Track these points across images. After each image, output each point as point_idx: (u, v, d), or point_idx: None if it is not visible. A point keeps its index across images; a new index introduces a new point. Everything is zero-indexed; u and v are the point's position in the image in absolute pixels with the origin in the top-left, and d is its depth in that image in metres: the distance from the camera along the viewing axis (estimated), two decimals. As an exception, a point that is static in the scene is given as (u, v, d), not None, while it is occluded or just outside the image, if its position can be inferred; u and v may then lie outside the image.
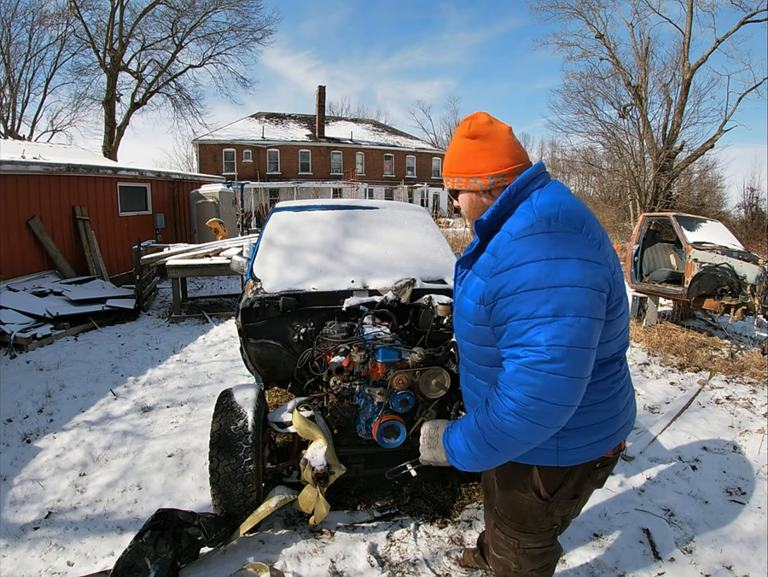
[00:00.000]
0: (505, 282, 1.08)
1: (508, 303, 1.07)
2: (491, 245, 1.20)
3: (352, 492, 2.66)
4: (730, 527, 2.45)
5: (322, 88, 30.18)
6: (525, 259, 1.06)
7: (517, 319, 1.05)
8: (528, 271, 1.05)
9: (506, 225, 1.18)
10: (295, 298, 2.70)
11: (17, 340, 5.16)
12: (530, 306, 1.03)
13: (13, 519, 2.48)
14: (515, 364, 1.05)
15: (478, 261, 1.25)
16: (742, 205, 20.75)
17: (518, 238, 1.10)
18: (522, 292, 1.05)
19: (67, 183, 7.97)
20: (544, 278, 1.03)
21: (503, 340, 1.11)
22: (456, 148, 1.29)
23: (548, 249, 1.05)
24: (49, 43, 21.69)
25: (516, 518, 1.41)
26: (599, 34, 18.24)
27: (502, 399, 1.07)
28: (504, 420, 1.06)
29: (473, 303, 1.22)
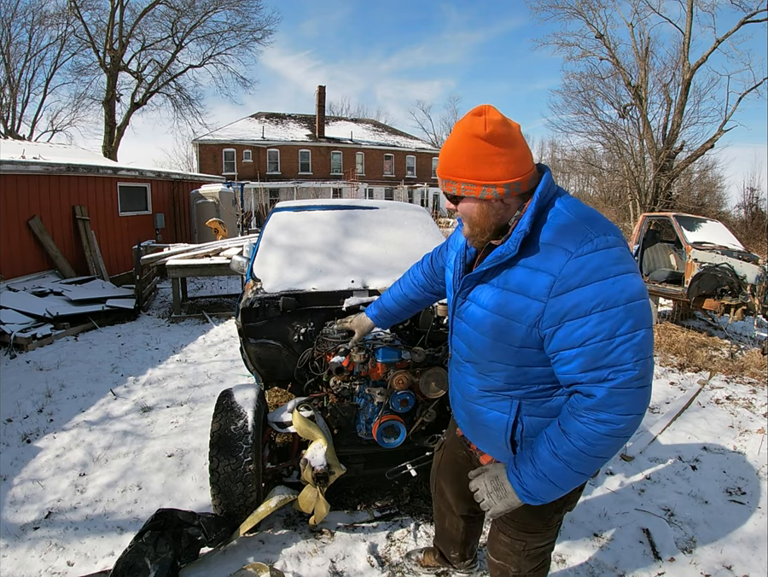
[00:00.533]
0: (576, 303, 1.02)
1: (582, 324, 1.02)
2: (532, 261, 1.09)
3: (352, 492, 2.66)
4: (730, 527, 2.45)
5: (322, 88, 30.18)
6: (594, 277, 1.01)
7: (599, 341, 1.01)
8: (602, 289, 1.01)
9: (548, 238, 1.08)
10: (295, 298, 2.70)
11: (17, 340, 5.16)
12: (611, 325, 1.00)
13: (13, 519, 2.48)
14: (606, 388, 1.02)
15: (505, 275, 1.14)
16: (742, 205, 20.76)
17: (580, 255, 1.03)
18: (600, 312, 1.01)
19: (67, 183, 7.97)
20: (618, 294, 1.00)
21: (577, 365, 1.04)
22: (465, 147, 1.09)
23: (614, 265, 1.02)
24: (49, 43, 21.71)
25: (524, 519, 1.37)
26: (599, 34, 18.24)
27: (593, 426, 1.04)
28: (597, 446, 1.05)
29: (522, 326, 1.11)
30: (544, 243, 1.08)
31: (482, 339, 1.21)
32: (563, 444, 1.08)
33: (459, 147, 1.10)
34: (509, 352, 1.16)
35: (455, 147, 1.11)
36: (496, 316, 1.15)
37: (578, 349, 1.03)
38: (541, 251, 1.08)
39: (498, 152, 1.08)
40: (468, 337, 1.27)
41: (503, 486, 1.19)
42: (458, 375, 1.38)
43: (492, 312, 1.16)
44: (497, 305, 1.15)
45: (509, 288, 1.13)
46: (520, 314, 1.10)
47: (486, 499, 1.22)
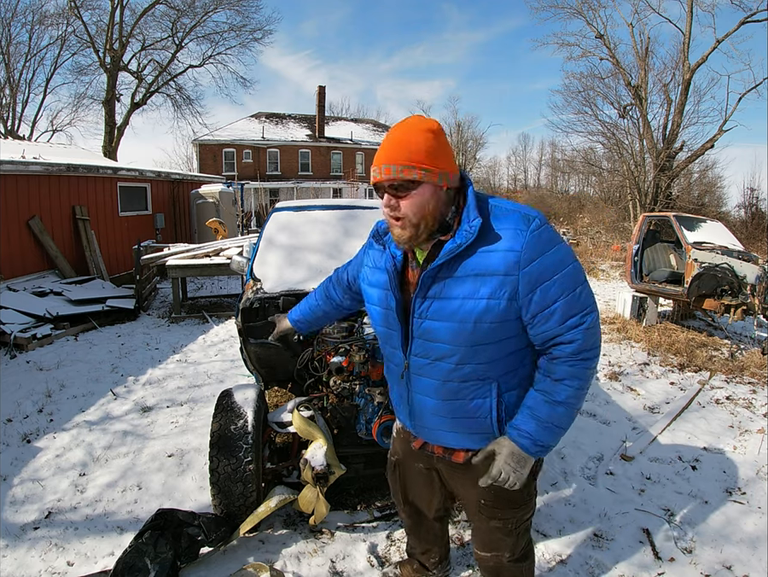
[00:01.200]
0: (542, 269, 1.18)
1: (551, 285, 1.19)
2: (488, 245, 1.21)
3: (352, 492, 2.66)
4: (730, 527, 2.45)
5: (322, 88, 30.18)
6: (549, 246, 1.20)
7: (568, 294, 1.20)
8: (559, 254, 1.20)
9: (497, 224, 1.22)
10: (295, 298, 2.70)
11: (17, 340, 5.16)
12: (571, 280, 1.21)
13: (13, 519, 2.48)
14: (582, 330, 1.22)
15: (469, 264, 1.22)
16: (742, 205, 20.74)
17: (533, 231, 1.19)
18: (560, 272, 1.20)
19: (67, 183, 7.97)
20: (566, 257, 1.22)
21: (556, 319, 1.21)
22: (421, 139, 1.19)
23: (557, 237, 1.24)
24: (49, 43, 21.69)
25: (508, 497, 1.42)
26: (599, 34, 18.24)
27: (582, 364, 1.24)
28: (587, 379, 1.26)
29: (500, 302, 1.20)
30: (496, 228, 1.22)
31: (460, 327, 1.25)
32: (561, 390, 1.25)
33: (413, 137, 1.19)
34: (491, 329, 1.24)
35: (408, 137, 1.20)
36: (473, 300, 1.22)
37: (553, 306, 1.20)
38: (496, 234, 1.21)
39: (445, 145, 1.23)
40: (440, 333, 1.28)
41: (522, 457, 1.29)
42: (427, 382, 1.36)
43: (468, 298, 1.22)
44: (472, 290, 1.22)
45: (478, 273, 1.22)
46: (497, 291, 1.20)
47: (514, 475, 1.29)
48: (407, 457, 1.69)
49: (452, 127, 44.83)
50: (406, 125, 1.23)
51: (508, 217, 1.23)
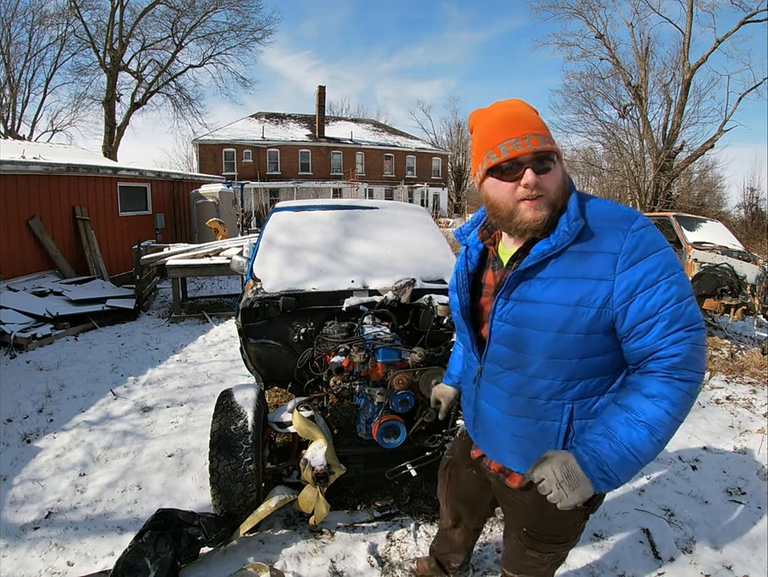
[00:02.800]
0: (643, 274, 1.05)
1: (653, 293, 1.05)
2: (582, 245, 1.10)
3: (352, 492, 2.66)
4: (730, 527, 2.45)
5: (322, 88, 30.18)
6: (652, 249, 1.07)
7: (673, 304, 1.05)
8: (661, 259, 1.06)
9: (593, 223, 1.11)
10: (295, 298, 2.70)
11: (17, 340, 5.16)
12: (678, 290, 1.06)
13: (13, 519, 2.48)
14: (689, 344, 1.05)
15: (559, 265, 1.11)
16: (742, 205, 20.77)
17: (635, 230, 1.07)
18: (665, 279, 1.05)
19: (67, 183, 7.97)
20: (675, 262, 1.08)
21: (660, 331, 1.05)
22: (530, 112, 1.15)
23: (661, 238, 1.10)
24: (49, 43, 21.72)
25: (556, 531, 1.33)
26: (599, 34, 18.25)
27: (678, 385, 1.05)
28: (680, 405, 1.05)
29: (590, 309, 1.08)
30: (593, 227, 1.10)
31: (541, 335, 1.14)
32: (646, 409, 1.05)
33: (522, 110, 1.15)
34: (575, 342, 1.11)
35: (530, 113, 1.15)
36: (558, 306, 1.11)
37: (654, 318, 1.05)
38: (593, 234, 1.10)
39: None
40: (518, 340, 1.18)
41: (575, 473, 1.06)
42: (496, 391, 1.26)
43: (554, 304, 1.11)
44: (559, 294, 1.11)
45: (568, 276, 1.10)
46: (587, 298, 1.08)
47: (556, 491, 1.06)
48: (462, 460, 1.60)
49: (452, 127, 44.83)
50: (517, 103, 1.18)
51: (609, 214, 1.12)
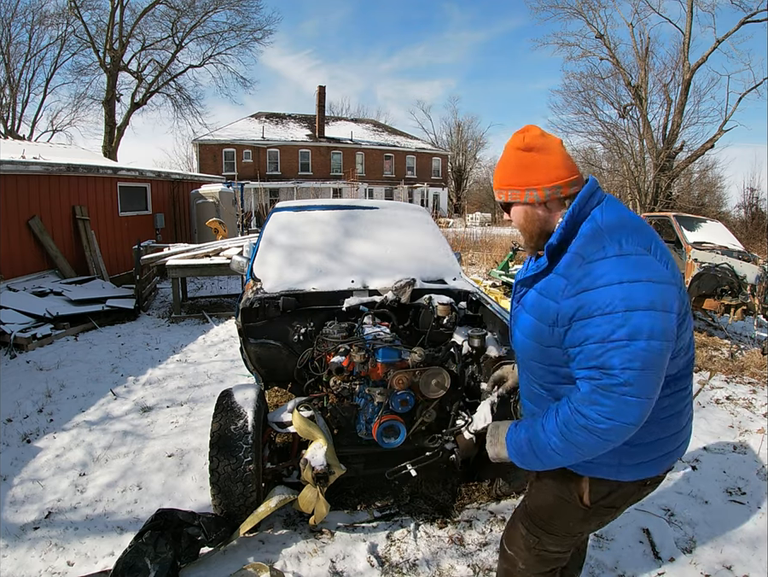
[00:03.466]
0: (580, 306, 1.10)
1: (583, 326, 1.09)
2: (560, 267, 1.19)
3: (352, 492, 2.66)
4: (730, 527, 2.45)
5: (322, 88, 30.19)
6: (599, 282, 1.08)
7: (593, 342, 1.08)
8: (603, 295, 1.06)
9: (574, 246, 1.17)
10: (295, 298, 2.71)
11: (17, 340, 5.15)
12: (606, 330, 1.05)
13: (13, 519, 2.48)
14: (591, 384, 1.09)
15: (544, 282, 1.23)
16: (742, 205, 20.76)
17: (591, 261, 1.11)
18: (598, 316, 1.07)
19: (67, 183, 7.96)
20: (619, 302, 1.05)
21: (579, 362, 1.13)
22: (510, 160, 1.26)
23: (621, 273, 1.07)
24: (49, 43, 21.73)
25: (546, 517, 1.39)
26: (599, 34, 18.26)
27: (574, 415, 1.11)
28: (574, 433, 1.12)
29: (544, 325, 1.21)
30: (571, 251, 1.17)
31: (524, 341, 1.31)
32: (550, 420, 1.18)
33: (505, 160, 1.28)
34: (541, 351, 1.25)
35: (502, 161, 1.29)
36: (530, 317, 1.26)
37: (578, 348, 1.12)
38: (566, 258, 1.18)
39: (537, 159, 1.22)
40: (517, 341, 1.36)
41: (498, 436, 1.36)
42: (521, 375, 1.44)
43: (529, 314, 1.27)
44: (532, 306, 1.26)
45: (541, 292, 1.23)
46: (544, 314, 1.20)
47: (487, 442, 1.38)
48: None
49: (452, 127, 44.83)
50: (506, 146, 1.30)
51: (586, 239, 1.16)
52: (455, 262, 3.34)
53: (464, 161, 43.54)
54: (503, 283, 8.53)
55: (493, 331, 2.74)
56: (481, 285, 8.23)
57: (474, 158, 44.68)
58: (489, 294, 6.89)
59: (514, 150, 1.25)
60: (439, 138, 45.04)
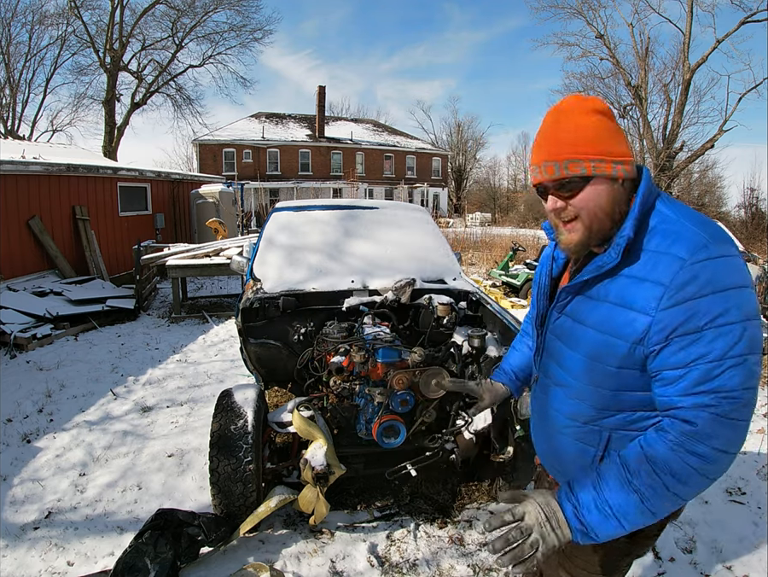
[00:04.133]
0: (688, 317, 0.88)
1: (693, 341, 0.88)
2: (637, 270, 0.96)
3: (352, 492, 2.66)
4: (730, 527, 2.45)
5: (322, 88, 30.19)
6: (709, 288, 0.88)
7: (708, 361, 0.88)
8: (716, 303, 0.88)
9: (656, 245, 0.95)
10: (295, 298, 2.71)
11: (17, 340, 5.16)
12: (724, 345, 0.87)
13: (13, 519, 2.48)
14: (709, 413, 0.87)
15: (609, 287, 1.00)
16: (742, 205, 20.76)
17: (694, 263, 0.89)
18: (713, 328, 0.87)
19: (67, 183, 7.97)
20: (736, 311, 0.87)
21: (681, 387, 0.90)
22: (588, 123, 0.98)
23: (732, 277, 0.89)
24: (49, 43, 21.74)
25: (588, 559, 1.19)
26: (599, 34, 18.27)
27: (685, 457, 0.88)
28: (683, 481, 0.89)
29: (621, 342, 0.97)
30: (650, 250, 0.95)
31: (577, 358, 1.07)
32: (643, 472, 0.91)
33: (577, 122, 0.99)
34: (606, 373, 1.02)
35: (570, 123, 0.99)
36: (594, 332, 1.02)
37: (683, 369, 0.90)
38: (648, 259, 0.95)
39: (618, 129, 1.01)
40: (560, 357, 1.13)
41: (556, 515, 0.96)
42: (543, 401, 1.20)
43: (591, 328, 1.03)
44: (597, 320, 1.02)
45: (611, 301, 0.99)
46: (623, 329, 0.96)
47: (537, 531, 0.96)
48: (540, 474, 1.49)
49: (452, 127, 44.85)
50: (566, 107, 1.01)
51: (673, 236, 0.94)
52: (455, 262, 3.34)
53: (464, 161, 43.56)
54: (503, 283, 8.54)
55: (493, 331, 2.74)
56: (481, 285, 8.23)
57: (474, 158, 44.74)
58: (489, 294, 6.89)
59: (593, 112, 0.99)
60: (439, 138, 45.11)
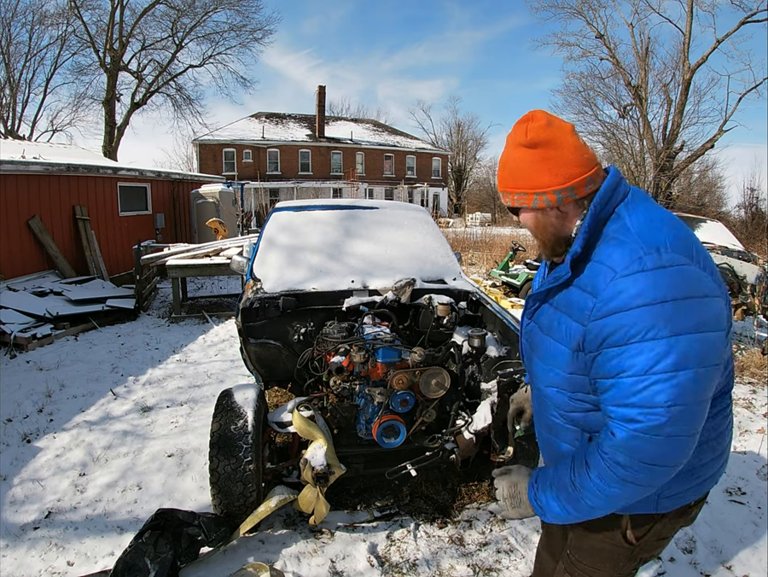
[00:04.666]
0: (614, 329, 0.91)
1: (618, 354, 0.91)
2: (583, 279, 1.01)
3: (352, 492, 2.66)
4: (730, 527, 2.45)
5: (322, 88, 30.20)
6: (637, 301, 0.89)
7: (631, 375, 0.90)
8: (642, 317, 0.88)
9: (600, 255, 0.99)
10: (295, 298, 2.71)
11: (17, 340, 5.16)
12: (647, 360, 0.88)
13: (13, 519, 2.48)
14: (629, 430, 0.91)
15: (563, 296, 1.07)
16: (742, 205, 20.79)
17: (625, 276, 0.91)
18: (637, 342, 0.89)
19: (67, 183, 7.97)
20: (663, 325, 0.87)
21: (610, 397, 0.95)
22: (513, 158, 1.07)
23: (664, 289, 0.88)
24: (49, 43, 21.75)
25: (594, 563, 1.23)
26: (599, 34, 18.27)
27: (610, 468, 0.94)
28: (611, 487, 0.96)
29: (567, 350, 1.04)
30: (595, 261, 0.99)
31: (538, 362, 1.15)
32: (582, 476, 1.00)
33: (507, 158, 1.09)
34: (561, 378, 1.08)
35: (505, 159, 1.10)
36: (547, 338, 1.10)
37: (612, 380, 0.94)
38: (591, 269, 0.99)
39: (543, 156, 1.03)
40: (530, 362, 1.21)
41: (520, 496, 1.17)
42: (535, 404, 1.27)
43: (544, 334, 1.10)
44: (548, 326, 1.09)
45: (561, 310, 1.06)
46: (565, 337, 1.03)
47: (501, 502, 1.21)
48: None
49: (452, 127, 44.85)
50: (507, 139, 1.10)
51: (615, 245, 0.97)
52: (455, 262, 3.34)
53: (464, 161, 43.55)
54: (503, 283, 8.54)
55: (493, 331, 2.75)
56: (481, 285, 8.23)
57: (474, 158, 44.74)
58: (489, 294, 6.89)
59: (517, 147, 1.05)
60: (439, 138, 45.09)
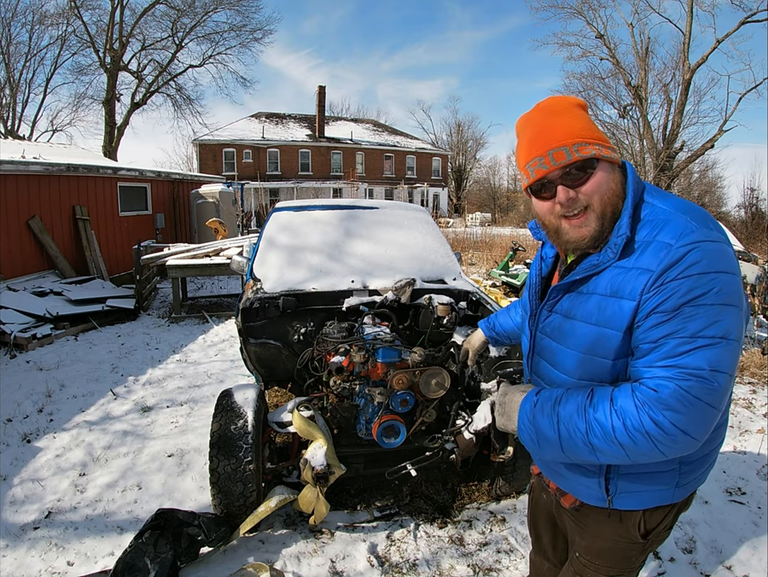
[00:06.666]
0: (669, 295, 0.90)
1: (667, 319, 0.90)
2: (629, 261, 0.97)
3: (352, 492, 2.66)
4: (730, 527, 2.45)
5: (322, 88, 30.20)
6: (694, 270, 0.89)
7: (678, 337, 0.89)
8: (698, 284, 0.89)
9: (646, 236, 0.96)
10: (295, 298, 2.71)
11: (17, 340, 5.16)
12: (698, 324, 0.88)
13: (13, 519, 2.48)
14: (674, 385, 0.88)
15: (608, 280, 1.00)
16: (742, 205, 20.79)
17: (681, 246, 0.91)
18: (691, 306, 0.89)
19: (67, 183, 7.97)
20: (715, 294, 0.88)
21: (654, 359, 0.92)
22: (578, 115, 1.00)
23: (717, 261, 0.90)
24: (49, 43, 21.76)
25: (607, 562, 1.21)
26: (599, 34, 18.27)
27: (641, 416, 0.90)
28: (632, 435, 0.91)
29: (613, 332, 0.98)
30: (639, 241, 0.97)
31: (569, 354, 1.08)
32: (602, 409, 0.94)
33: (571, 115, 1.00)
34: (602, 367, 1.02)
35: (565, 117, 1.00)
36: (586, 325, 1.03)
37: (655, 343, 0.92)
38: (637, 250, 0.97)
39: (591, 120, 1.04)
40: (552, 355, 1.13)
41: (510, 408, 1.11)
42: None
43: (582, 322, 1.04)
44: (589, 312, 1.03)
45: (600, 293, 1.01)
46: (614, 319, 0.98)
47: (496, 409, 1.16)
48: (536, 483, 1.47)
49: (452, 127, 44.84)
50: (552, 103, 1.04)
51: (661, 224, 0.96)
52: (455, 262, 3.34)
53: (464, 161, 43.55)
54: (503, 283, 8.54)
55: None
56: (481, 285, 8.23)
57: (474, 158, 44.74)
58: (489, 294, 6.89)
59: (578, 107, 1.02)
60: (439, 138, 45.10)
